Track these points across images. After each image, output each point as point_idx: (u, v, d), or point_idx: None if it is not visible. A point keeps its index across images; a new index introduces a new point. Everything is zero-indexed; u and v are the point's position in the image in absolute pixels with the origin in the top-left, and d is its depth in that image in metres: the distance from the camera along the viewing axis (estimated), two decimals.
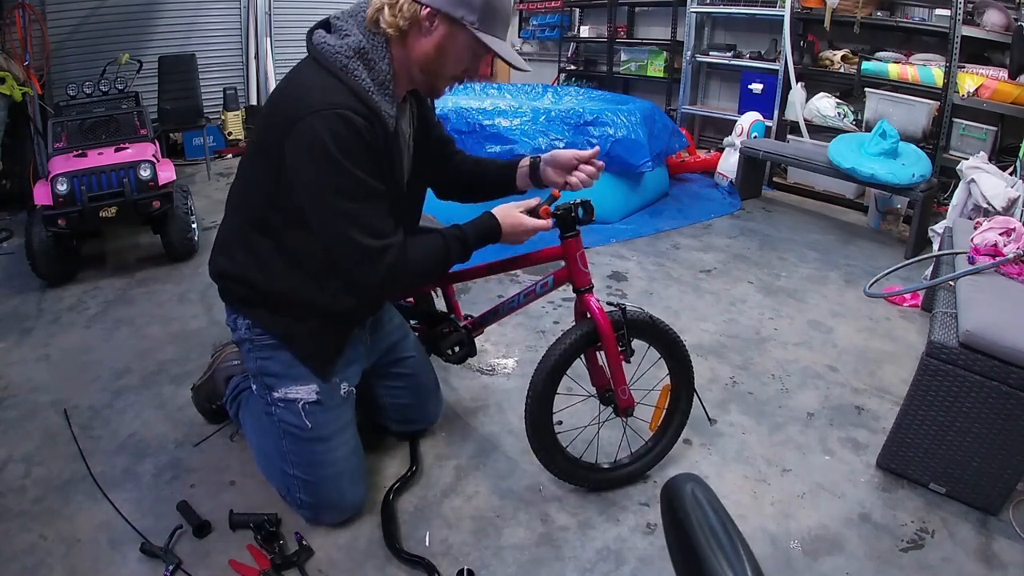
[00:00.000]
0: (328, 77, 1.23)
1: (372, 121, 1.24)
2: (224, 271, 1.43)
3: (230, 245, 1.42)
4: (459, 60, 1.29)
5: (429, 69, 1.30)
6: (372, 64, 1.25)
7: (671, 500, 0.69)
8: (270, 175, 1.28)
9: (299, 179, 1.25)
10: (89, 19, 4.54)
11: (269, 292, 1.39)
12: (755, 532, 1.55)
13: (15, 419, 1.89)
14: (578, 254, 1.53)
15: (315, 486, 1.47)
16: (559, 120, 3.64)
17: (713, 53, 5.03)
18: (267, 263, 1.37)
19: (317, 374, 1.44)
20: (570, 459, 1.62)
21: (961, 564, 1.48)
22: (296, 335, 1.43)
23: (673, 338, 1.64)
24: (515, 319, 2.50)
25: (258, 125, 1.38)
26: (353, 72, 1.23)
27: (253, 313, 1.43)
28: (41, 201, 2.66)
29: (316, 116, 1.19)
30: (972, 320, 1.55)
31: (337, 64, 1.23)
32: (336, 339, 1.47)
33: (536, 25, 6.42)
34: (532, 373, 1.54)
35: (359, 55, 1.24)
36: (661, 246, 3.43)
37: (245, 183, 1.39)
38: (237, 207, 1.42)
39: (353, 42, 1.24)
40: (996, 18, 3.49)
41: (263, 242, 1.36)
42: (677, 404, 1.70)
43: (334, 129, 1.19)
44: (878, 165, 3.33)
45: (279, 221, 1.33)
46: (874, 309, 2.72)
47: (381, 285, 1.32)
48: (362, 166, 1.23)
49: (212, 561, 1.42)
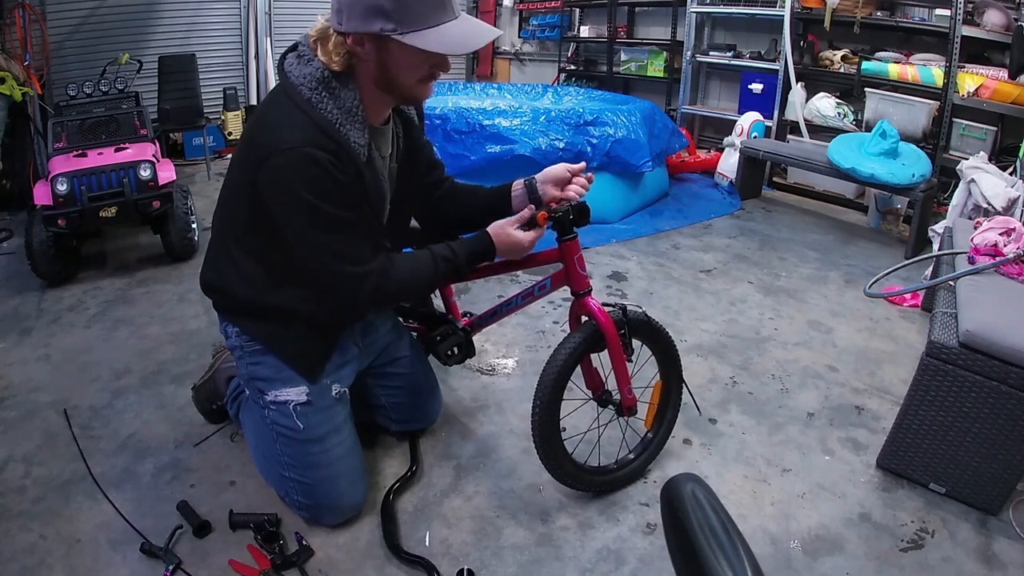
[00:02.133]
0: (294, 111, 1.22)
1: (339, 155, 1.22)
2: (210, 282, 1.47)
3: (215, 258, 1.45)
4: (410, 67, 1.23)
5: (389, 87, 1.27)
6: (337, 93, 1.23)
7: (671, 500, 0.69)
8: (246, 202, 1.30)
9: (273, 213, 1.26)
10: (89, 19, 4.54)
11: (251, 302, 1.41)
12: (755, 532, 1.55)
13: (15, 419, 1.89)
14: (576, 257, 1.52)
15: (312, 488, 1.47)
16: (559, 120, 3.64)
17: (713, 53, 5.03)
18: (248, 276, 1.39)
19: (305, 376, 1.45)
20: (577, 465, 1.61)
21: (961, 564, 1.48)
22: (281, 340, 1.44)
23: (666, 336, 1.66)
24: (515, 319, 2.50)
25: (236, 153, 1.37)
26: (318, 105, 1.22)
27: (241, 321, 1.46)
28: (41, 201, 2.66)
29: (281, 155, 1.20)
30: (972, 320, 1.55)
31: (302, 97, 1.22)
32: (322, 343, 1.48)
33: (536, 25, 6.42)
34: (536, 380, 1.51)
35: (322, 84, 1.22)
36: (661, 246, 3.43)
37: (225, 203, 1.41)
38: (219, 222, 1.44)
39: (316, 70, 1.22)
40: (996, 18, 3.49)
41: (243, 257, 1.38)
42: (669, 398, 1.72)
43: (300, 168, 1.19)
44: (878, 165, 3.33)
45: (259, 239, 1.35)
46: (874, 309, 2.73)
47: (366, 306, 1.38)
48: (331, 200, 1.23)
49: (212, 561, 1.41)
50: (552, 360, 1.51)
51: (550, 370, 1.50)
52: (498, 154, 3.49)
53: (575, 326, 1.62)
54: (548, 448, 1.53)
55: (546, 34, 6.36)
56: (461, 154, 3.50)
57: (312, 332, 1.45)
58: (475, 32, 1.25)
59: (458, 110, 3.69)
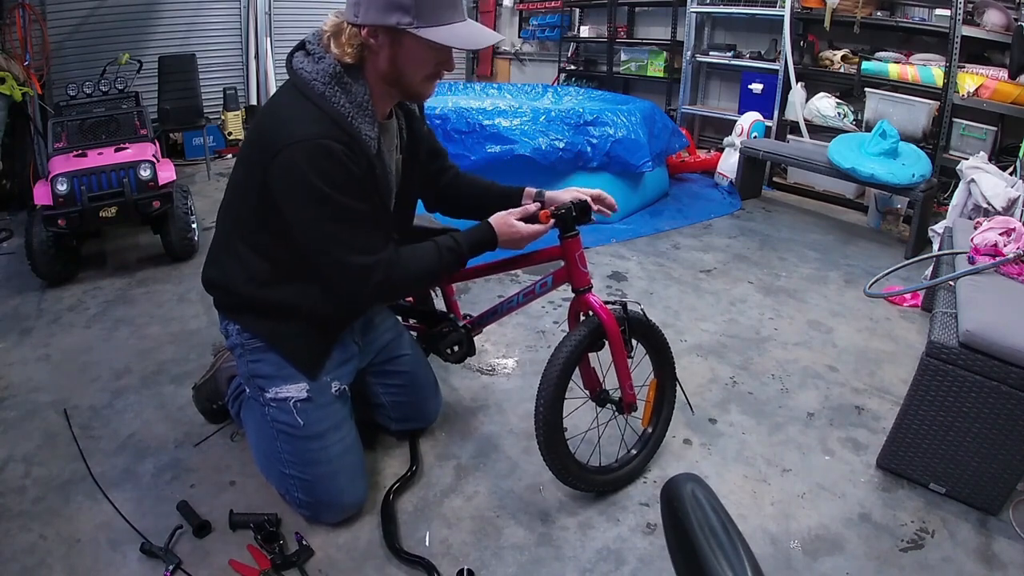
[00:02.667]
0: (307, 105, 1.25)
1: (352, 146, 1.25)
2: (212, 280, 1.48)
3: (218, 255, 1.47)
4: (419, 63, 1.28)
5: (396, 81, 1.31)
6: (349, 87, 1.27)
7: (671, 500, 0.69)
8: (255, 197, 1.32)
9: (285, 205, 1.28)
10: (89, 19, 4.54)
11: (254, 298, 1.42)
12: (755, 532, 1.55)
13: (15, 419, 1.89)
14: (577, 254, 1.53)
15: (312, 485, 1.48)
16: (559, 120, 3.64)
17: (713, 53, 5.03)
18: (252, 271, 1.40)
19: (305, 374, 1.46)
20: (581, 466, 1.61)
21: (961, 564, 1.48)
22: (282, 337, 1.46)
23: (660, 333, 1.69)
24: (515, 319, 2.50)
25: (243, 148, 1.40)
26: (331, 99, 1.25)
27: (242, 318, 1.47)
28: (41, 201, 2.66)
29: (296, 147, 1.22)
30: (972, 320, 1.55)
31: (315, 91, 1.25)
32: (322, 341, 1.49)
33: (536, 25, 6.42)
34: (536, 380, 1.51)
35: (335, 80, 1.26)
36: (661, 246, 3.43)
37: (231, 200, 1.42)
38: (224, 220, 1.45)
39: (329, 66, 1.26)
40: (996, 18, 3.49)
41: (248, 252, 1.39)
42: (663, 395, 1.74)
43: (314, 159, 1.22)
44: (878, 165, 3.33)
45: (265, 235, 1.36)
46: (874, 309, 2.73)
47: (372, 298, 1.42)
48: (344, 191, 1.25)
49: (212, 561, 1.41)
50: (555, 357, 1.51)
51: (553, 367, 1.50)
52: (498, 154, 3.49)
53: (574, 324, 1.63)
54: (552, 448, 1.52)
55: (546, 34, 6.36)
56: (461, 154, 3.49)
57: (313, 329, 1.46)
58: (481, 33, 1.33)
59: (458, 110, 3.69)
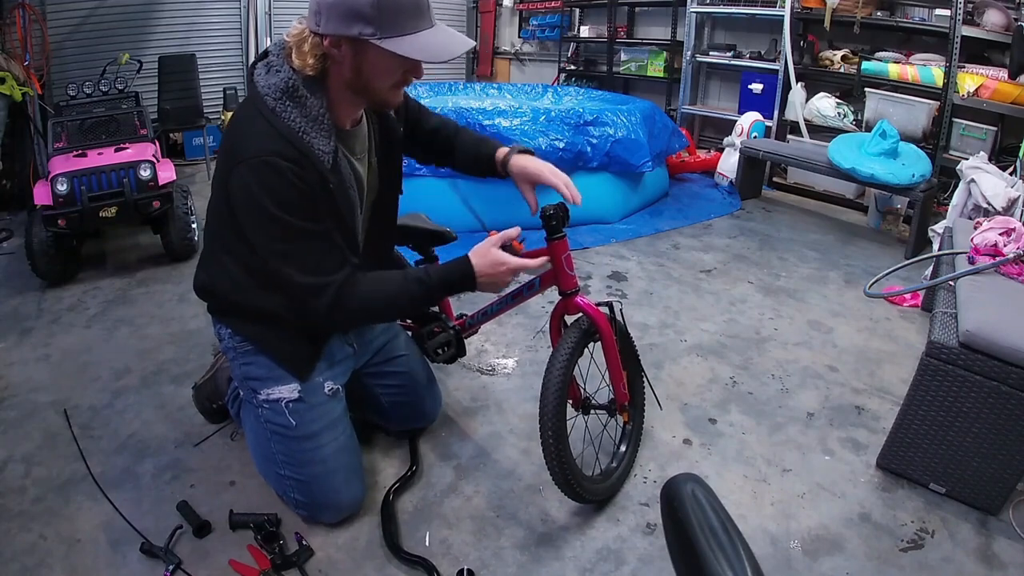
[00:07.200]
0: (260, 120, 1.24)
1: (302, 163, 1.23)
2: (202, 285, 1.49)
3: (207, 260, 1.47)
4: (385, 72, 1.24)
5: (362, 90, 1.28)
6: (302, 101, 1.24)
7: (671, 500, 0.69)
8: (226, 209, 1.31)
9: (241, 221, 1.28)
10: (89, 19, 4.54)
11: (240, 304, 1.43)
12: (755, 532, 1.55)
13: (15, 419, 1.89)
14: (564, 257, 1.50)
15: (308, 485, 1.48)
16: (559, 120, 3.63)
17: (713, 53, 5.03)
18: (235, 279, 1.40)
19: (295, 375, 1.46)
20: (587, 478, 1.57)
21: (961, 564, 1.48)
22: (270, 341, 1.46)
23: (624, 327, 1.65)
24: (515, 319, 2.50)
25: (217, 160, 1.40)
26: (282, 114, 1.23)
27: (232, 323, 1.47)
28: (41, 201, 2.66)
29: (245, 165, 1.22)
30: (972, 320, 1.55)
31: (267, 107, 1.24)
32: (310, 345, 1.48)
33: (536, 25, 6.42)
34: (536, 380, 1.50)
35: (287, 94, 1.24)
36: (661, 246, 3.43)
37: (212, 207, 1.41)
38: (208, 226, 1.45)
39: (281, 80, 1.24)
40: (996, 18, 3.49)
41: (231, 260, 1.39)
42: (634, 387, 1.72)
43: (262, 176, 1.21)
44: (878, 165, 3.33)
45: (243, 245, 1.34)
46: (874, 309, 2.72)
47: (323, 320, 1.33)
48: (292, 209, 1.23)
49: (212, 561, 1.41)
50: (551, 368, 1.47)
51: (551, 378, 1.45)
52: None
53: (557, 328, 1.60)
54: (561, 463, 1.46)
55: (546, 34, 6.36)
56: None
57: (300, 334, 1.46)
58: (450, 42, 1.24)
59: (458, 110, 3.68)
